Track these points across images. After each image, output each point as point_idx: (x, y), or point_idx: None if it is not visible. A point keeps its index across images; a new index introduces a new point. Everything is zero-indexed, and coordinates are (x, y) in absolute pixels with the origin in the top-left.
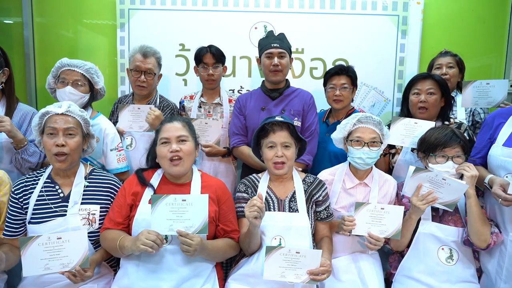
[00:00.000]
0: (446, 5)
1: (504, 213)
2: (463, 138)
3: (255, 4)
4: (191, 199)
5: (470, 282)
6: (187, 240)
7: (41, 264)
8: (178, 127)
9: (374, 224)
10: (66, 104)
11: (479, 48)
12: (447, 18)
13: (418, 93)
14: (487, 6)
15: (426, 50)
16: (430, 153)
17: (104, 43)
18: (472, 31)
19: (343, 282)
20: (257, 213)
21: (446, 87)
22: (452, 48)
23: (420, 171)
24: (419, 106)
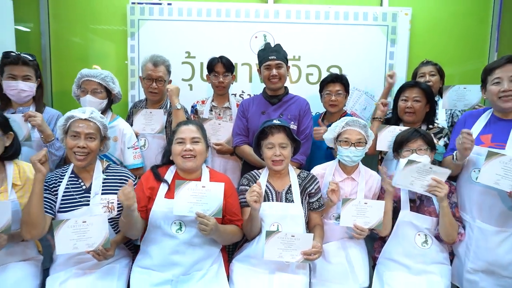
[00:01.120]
0: (432, 16)
1: (472, 202)
2: (424, 133)
3: (255, 15)
4: (210, 186)
5: (443, 263)
6: (205, 221)
7: (70, 244)
8: (192, 130)
9: (359, 217)
10: (89, 110)
11: (463, 55)
12: (433, 28)
13: (406, 100)
14: (470, 17)
15: (414, 58)
16: (399, 150)
17: (116, 50)
18: (456, 39)
19: (333, 264)
20: (257, 197)
21: (431, 95)
22: (437, 56)
23: (412, 163)
24: (406, 111)
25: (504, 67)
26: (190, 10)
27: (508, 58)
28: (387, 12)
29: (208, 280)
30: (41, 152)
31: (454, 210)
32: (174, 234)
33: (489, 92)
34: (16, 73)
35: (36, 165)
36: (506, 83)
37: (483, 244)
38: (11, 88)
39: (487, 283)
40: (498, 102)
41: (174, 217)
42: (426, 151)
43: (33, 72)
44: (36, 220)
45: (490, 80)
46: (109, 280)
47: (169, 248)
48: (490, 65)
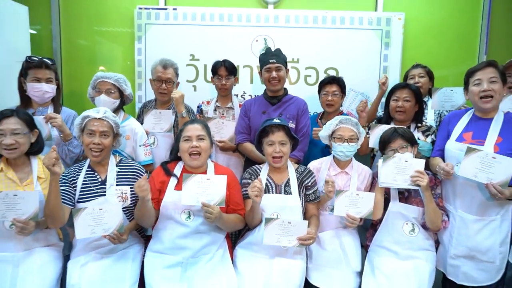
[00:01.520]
0: (424, 20)
1: (454, 194)
2: (403, 132)
3: (256, 20)
4: (214, 178)
5: (428, 250)
6: (210, 210)
7: (89, 229)
8: (198, 128)
9: (351, 207)
10: (102, 110)
11: (454, 58)
12: (425, 32)
13: (397, 100)
14: (460, 22)
15: (407, 60)
16: (383, 150)
17: (123, 53)
18: (447, 43)
19: (328, 251)
20: (257, 192)
21: (420, 96)
22: (429, 58)
23: (387, 159)
24: (397, 110)
25: (484, 70)
26: (194, 15)
27: (488, 62)
28: (381, 17)
29: (215, 263)
30: (51, 154)
31: (438, 201)
32: (183, 222)
33: (471, 93)
34: (40, 76)
35: (50, 169)
36: (486, 84)
37: (464, 232)
38: (36, 89)
39: (468, 267)
40: (478, 103)
41: (183, 207)
42: (407, 148)
43: (53, 75)
44: (56, 213)
45: (471, 82)
46: (124, 262)
47: (179, 234)
48: (471, 69)
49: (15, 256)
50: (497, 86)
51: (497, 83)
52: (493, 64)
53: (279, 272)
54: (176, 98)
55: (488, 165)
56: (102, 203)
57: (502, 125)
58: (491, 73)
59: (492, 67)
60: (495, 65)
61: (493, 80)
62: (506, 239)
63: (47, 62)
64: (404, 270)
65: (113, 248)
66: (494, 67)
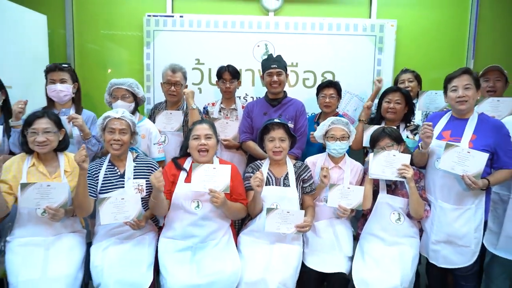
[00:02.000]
0: (415, 27)
1: (435, 185)
2: (390, 132)
3: (257, 26)
4: (219, 167)
5: (412, 237)
6: (216, 195)
7: (112, 216)
8: (206, 127)
9: (343, 199)
10: (121, 111)
11: (443, 61)
12: (416, 37)
13: (389, 102)
14: (449, 28)
15: (399, 64)
16: (373, 148)
17: (133, 58)
18: (437, 48)
19: (323, 239)
20: (259, 182)
21: (410, 98)
22: (420, 62)
23: (377, 153)
24: (388, 110)
25: (460, 77)
26: (199, 22)
27: (463, 70)
28: (375, 23)
29: (221, 247)
30: (81, 152)
31: (421, 192)
32: (193, 210)
33: (449, 97)
34: (54, 78)
35: (80, 165)
36: (461, 90)
37: (444, 220)
38: (51, 90)
39: (447, 251)
40: (455, 106)
41: (192, 197)
42: (393, 146)
43: (68, 76)
44: (84, 204)
45: (449, 88)
46: (141, 247)
47: (189, 222)
48: (449, 75)
49: (46, 240)
50: (470, 92)
51: (471, 89)
52: (468, 72)
53: (279, 256)
54: (187, 93)
55: (464, 159)
56: (123, 194)
57: (476, 124)
58: (466, 80)
59: (467, 75)
60: (470, 72)
61: (468, 87)
62: (480, 226)
63: (59, 65)
64: (390, 254)
65: (131, 235)
66: (469, 74)
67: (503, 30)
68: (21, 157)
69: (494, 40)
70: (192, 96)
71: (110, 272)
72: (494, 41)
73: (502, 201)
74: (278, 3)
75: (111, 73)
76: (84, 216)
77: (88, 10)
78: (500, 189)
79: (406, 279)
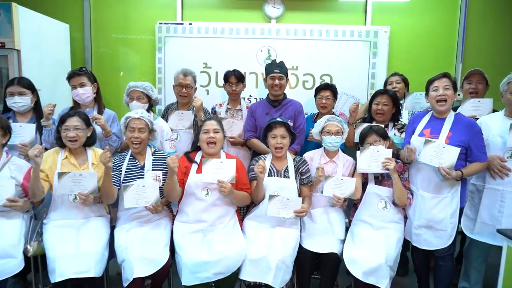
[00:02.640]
0: (406, 33)
1: (417, 176)
2: (376, 129)
3: (260, 33)
4: (226, 161)
5: (397, 222)
6: (223, 185)
7: (134, 201)
8: (214, 124)
9: (336, 189)
10: (140, 111)
11: (433, 65)
12: (408, 43)
13: (377, 104)
14: (439, 34)
15: (392, 67)
16: (362, 144)
17: (145, 62)
18: (427, 52)
19: (318, 224)
20: (262, 169)
21: (397, 100)
22: (411, 66)
23: (364, 149)
24: (377, 112)
25: (440, 79)
26: (207, 29)
27: (443, 74)
28: (370, 30)
29: (228, 230)
30: (106, 154)
31: (405, 183)
32: (203, 197)
33: (430, 97)
34: (75, 83)
35: (105, 164)
36: (441, 90)
37: (424, 207)
38: (75, 94)
39: (427, 235)
40: (435, 106)
41: (202, 186)
42: (380, 142)
43: (86, 79)
44: (109, 193)
45: (431, 89)
46: (158, 229)
47: (199, 207)
48: (431, 78)
49: (77, 222)
50: (449, 92)
51: (450, 90)
52: (447, 76)
53: (279, 238)
54: (197, 106)
55: (440, 153)
56: (143, 182)
57: (452, 123)
58: (445, 82)
59: (446, 78)
60: (449, 76)
61: (447, 87)
62: (456, 212)
63: (76, 71)
64: (377, 237)
65: (149, 219)
66: (448, 77)
67: (489, 36)
68: (55, 150)
69: (481, 45)
70: (201, 108)
71: (133, 250)
72: (481, 46)
73: (478, 191)
74: (280, 11)
75: (123, 75)
76: (109, 203)
77: (104, 18)
78: (476, 181)
79: (390, 258)
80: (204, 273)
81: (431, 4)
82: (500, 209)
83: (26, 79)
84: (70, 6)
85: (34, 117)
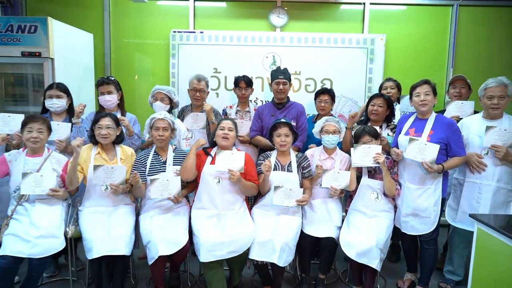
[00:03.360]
0: (401, 41)
1: (404, 170)
2: (369, 130)
3: (266, 40)
4: (236, 153)
5: (387, 211)
6: (233, 173)
7: (159, 192)
8: (229, 123)
9: (334, 181)
10: (163, 113)
11: (425, 70)
12: (403, 49)
13: (373, 105)
14: (431, 41)
15: (388, 72)
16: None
17: (160, 67)
18: (420, 58)
19: (317, 213)
20: (267, 168)
21: (391, 103)
22: (405, 71)
23: (356, 147)
24: (372, 113)
25: (421, 86)
26: (217, 37)
27: (424, 81)
28: (367, 38)
29: (239, 216)
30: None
31: (394, 176)
32: (215, 185)
33: (414, 102)
34: (103, 91)
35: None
36: (423, 96)
37: (410, 197)
38: (102, 100)
39: (414, 222)
40: (419, 108)
41: (215, 175)
42: (372, 141)
43: (113, 87)
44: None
45: (414, 94)
46: (178, 216)
47: (212, 194)
48: (413, 85)
49: (107, 209)
50: (429, 97)
51: (430, 95)
52: (427, 82)
53: (283, 224)
54: (207, 110)
55: (422, 150)
56: (167, 176)
57: (433, 123)
58: (426, 88)
59: (427, 84)
60: (429, 82)
61: (427, 93)
62: (438, 201)
63: (106, 79)
64: (369, 224)
65: (169, 207)
66: (428, 84)
67: (477, 44)
68: (89, 146)
69: (470, 52)
70: (211, 112)
71: (157, 233)
72: (470, 53)
73: (460, 184)
74: (284, 20)
75: (141, 80)
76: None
77: (123, 26)
78: (458, 175)
79: (380, 242)
80: (219, 251)
81: (424, 14)
82: (478, 199)
83: (63, 84)
84: (93, 17)
85: (68, 117)
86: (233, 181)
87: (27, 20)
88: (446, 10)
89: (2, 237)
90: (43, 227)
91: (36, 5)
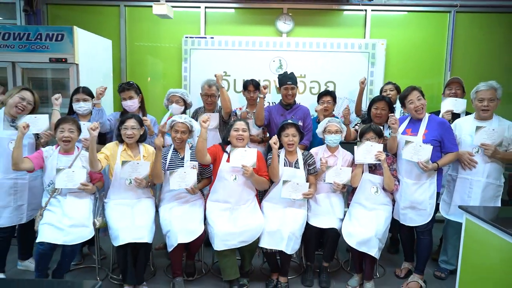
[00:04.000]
0: (401, 45)
1: (402, 168)
2: (374, 128)
3: (273, 45)
4: (249, 150)
5: (386, 204)
6: (246, 168)
7: (177, 184)
8: (243, 124)
9: (336, 177)
10: (183, 116)
11: (424, 73)
12: (402, 53)
13: (376, 108)
14: (430, 46)
15: (388, 75)
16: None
17: (173, 71)
18: (419, 62)
19: (321, 206)
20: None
21: (391, 105)
22: (405, 74)
23: (360, 144)
24: (376, 115)
25: (411, 93)
26: (227, 42)
27: (412, 88)
28: (369, 42)
29: (250, 209)
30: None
31: (393, 172)
32: (231, 181)
33: (408, 109)
34: (125, 96)
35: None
36: (416, 102)
37: (407, 191)
38: (124, 105)
39: (411, 214)
40: (415, 115)
41: (231, 172)
42: (375, 139)
43: (133, 92)
44: (158, 174)
45: (406, 102)
46: (194, 208)
47: (228, 189)
48: (402, 94)
49: (131, 202)
50: (421, 101)
51: (421, 99)
52: (416, 88)
53: (290, 216)
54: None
55: (418, 150)
56: (185, 169)
57: (427, 123)
58: (416, 94)
59: (416, 90)
60: (418, 88)
61: (419, 98)
62: (433, 195)
63: (126, 85)
64: (369, 216)
65: (187, 200)
66: (417, 90)
67: (474, 48)
68: (115, 143)
69: (467, 56)
70: (221, 78)
71: (176, 223)
72: (467, 56)
73: (453, 180)
74: (290, 26)
75: (154, 83)
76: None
77: (138, 33)
78: (452, 172)
79: (379, 232)
80: (231, 241)
81: (423, 20)
82: (469, 194)
83: (88, 88)
84: (110, 24)
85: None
86: (246, 175)
87: (54, 29)
88: (444, 16)
89: (38, 226)
90: (74, 217)
91: (57, 13)
